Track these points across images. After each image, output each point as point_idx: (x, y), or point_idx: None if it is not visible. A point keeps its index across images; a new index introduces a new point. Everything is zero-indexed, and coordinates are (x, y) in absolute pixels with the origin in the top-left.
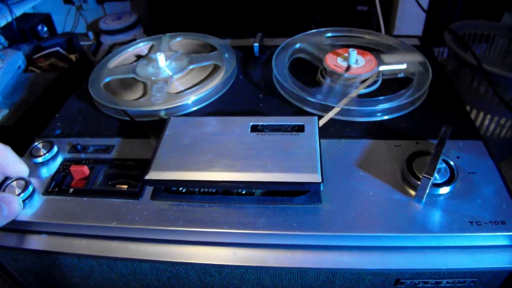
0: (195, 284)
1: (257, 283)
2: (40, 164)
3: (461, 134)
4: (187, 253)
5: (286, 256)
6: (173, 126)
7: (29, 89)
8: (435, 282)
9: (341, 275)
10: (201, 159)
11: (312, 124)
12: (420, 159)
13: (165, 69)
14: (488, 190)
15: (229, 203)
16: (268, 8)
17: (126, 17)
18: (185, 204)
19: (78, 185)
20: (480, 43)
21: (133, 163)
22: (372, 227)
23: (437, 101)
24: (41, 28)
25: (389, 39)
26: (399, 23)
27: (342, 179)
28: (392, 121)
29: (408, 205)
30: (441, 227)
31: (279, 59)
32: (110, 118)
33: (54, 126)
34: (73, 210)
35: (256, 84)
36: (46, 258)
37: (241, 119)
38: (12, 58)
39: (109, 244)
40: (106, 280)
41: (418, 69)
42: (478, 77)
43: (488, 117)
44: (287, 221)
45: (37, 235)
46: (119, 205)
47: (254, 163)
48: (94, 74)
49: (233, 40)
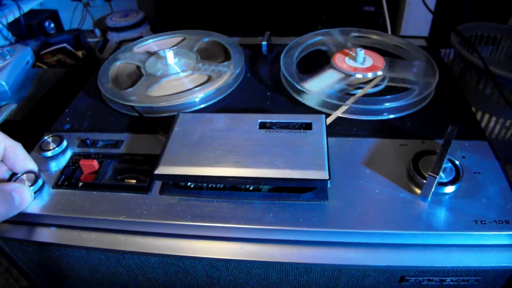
0: (202, 278)
1: (264, 278)
2: (49, 158)
3: (467, 135)
4: (194, 247)
5: (292, 251)
6: (182, 122)
7: (37, 85)
8: (439, 280)
9: (346, 271)
10: (209, 155)
11: (320, 122)
12: (426, 158)
13: (174, 66)
14: (493, 190)
15: (237, 198)
16: (275, 7)
17: (133, 14)
18: (194, 199)
19: (88, 179)
20: (487, 45)
21: (142, 158)
22: (378, 225)
23: (443, 101)
24: (48, 25)
25: (413, 47)
26: (406, 24)
27: (348, 176)
28: (398, 120)
29: (413, 203)
30: (446, 225)
31: (288, 58)
32: (118, 113)
33: (63, 121)
34: (82, 203)
35: (264, 82)
36: (54, 250)
37: (249, 116)
38: (21, 53)
39: (118, 238)
40: (114, 273)
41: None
42: (484, 79)
43: (493, 119)
44: (294, 217)
45: (46, 228)
46: (128, 199)
47: (262, 159)
48: (103, 69)
49: (240, 38)
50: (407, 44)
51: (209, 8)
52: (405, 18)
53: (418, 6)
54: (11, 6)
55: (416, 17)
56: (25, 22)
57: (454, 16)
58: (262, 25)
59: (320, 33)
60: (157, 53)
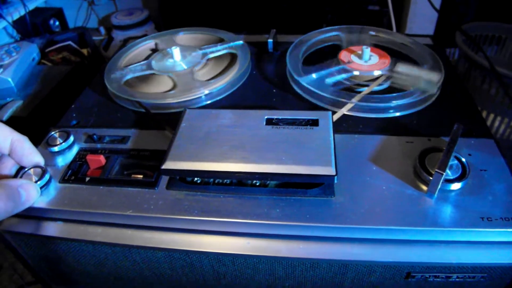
0: (208, 273)
1: (270, 273)
2: (56, 153)
3: (473, 133)
4: (201, 242)
5: (299, 247)
6: (189, 118)
7: (42, 82)
8: (445, 277)
9: (352, 267)
10: (216, 150)
11: (326, 119)
12: (432, 155)
13: (180, 63)
14: (499, 187)
15: (244, 194)
16: (279, 6)
17: (137, 13)
18: (200, 194)
19: (94, 174)
20: (491, 45)
21: (149, 153)
22: (384, 221)
23: (448, 99)
24: (53, 22)
25: (420, 46)
26: (411, 23)
27: (355, 173)
28: (404, 118)
29: (420, 199)
30: (452, 222)
31: (293, 55)
32: (125, 109)
33: (70, 116)
34: (89, 198)
35: (269, 80)
36: (61, 245)
37: (256, 112)
38: (27, 50)
39: (124, 232)
40: (120, 268)
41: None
42: (489, 79)
43: (498, 119)
44: (301, 213)
45: (53, 222)
46: (134, 194)
47: (269, 155)
48: (110, 66)
49: (246, 36)
50: (414, 42)
51: (213, 7)
52: (410, 17)
53: (423, 6)
54: (16, 4)
55: (421, 16)
56: (30, 20)
57: (459, 16)
58: (267, 24)
59: (333, 29)
60: (163, 50)
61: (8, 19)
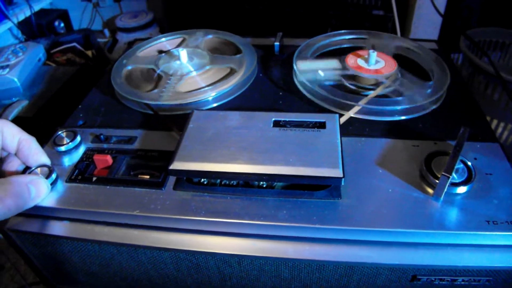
0: (214, 274)
1: (276, 275)
2: (63, 153)
3: (478, 137)
4: (207, 243)
5: (305, 248)
6: (196, 119)
7: (48, 82)
8: (450, 280)
9: (358, 269)
10: (224, 151)
11: (333, 121)
12: (438, 158)
13: (186, 65)
14: (505, 191)
15: (250, 195)
16: (284, 10)
17: (142, 15)
18: (207, 195)
19: (101, 174)
20: (495, 51)
21: (156, 154)
22: (391, 223)
23: (454, 104)
24: (58, 24)
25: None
26: (415, 28)
27: (361, 176)
28: (410, 121)
29: (426, 203)
30: (458, 225)
31: (300, 58)
32: (132, 110)
33: (77, 117)
34: (96, 197)
35: (276, 82)
36: (67, 244)
37: (263, 114)
38: (33, 51)
39: (131, 232)
40: (125, 268)
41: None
42: (493, 84)
43: (501, 125)
44: (308, 215)
45: (59, 221)
46: (141, 194)
47: (276, 156)
48: (117, 67)
49: (252, 39)
50: (419, 47)
51: (217, 10)
52: (414, 22)
53: (427, 11)
54: (22, 5)
55: (425, 21)
56: (35, 21)
57: (463, 21)
58: (271, 28)
59: (349, 32)
60: (170, 52)
61: (13, 20)
